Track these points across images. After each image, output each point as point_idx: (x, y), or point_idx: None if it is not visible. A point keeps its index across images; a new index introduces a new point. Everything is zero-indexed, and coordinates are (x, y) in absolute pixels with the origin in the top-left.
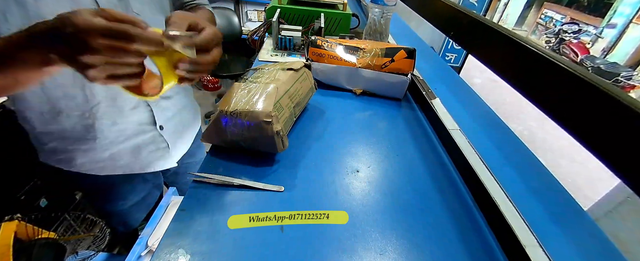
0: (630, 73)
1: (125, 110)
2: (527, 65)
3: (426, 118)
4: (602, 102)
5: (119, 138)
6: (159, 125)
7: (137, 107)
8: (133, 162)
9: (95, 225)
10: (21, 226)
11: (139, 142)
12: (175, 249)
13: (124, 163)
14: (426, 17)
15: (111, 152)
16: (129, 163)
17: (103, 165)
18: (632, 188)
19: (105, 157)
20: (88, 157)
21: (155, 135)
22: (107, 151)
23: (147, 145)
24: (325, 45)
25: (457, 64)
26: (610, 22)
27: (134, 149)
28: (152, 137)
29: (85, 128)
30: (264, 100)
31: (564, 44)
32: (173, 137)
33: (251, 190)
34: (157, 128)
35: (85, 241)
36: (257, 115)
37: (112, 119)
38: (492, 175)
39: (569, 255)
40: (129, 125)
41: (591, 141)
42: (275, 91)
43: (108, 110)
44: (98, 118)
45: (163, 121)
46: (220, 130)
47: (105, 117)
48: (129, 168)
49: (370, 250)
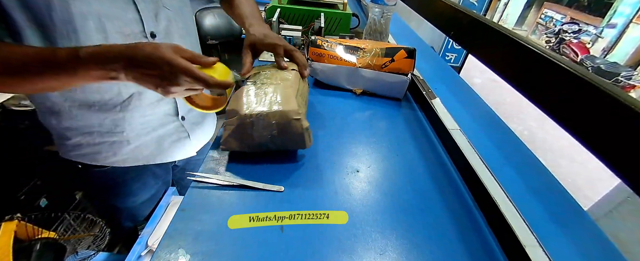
0: (631, 73)
1: (153, 102)
2: (527, 65)
3: (426, 118)
4: (602, 102)
5: (145, 129)
6: (181, 115)
7: (163, 99)
8: (155, 152)
9: (95, 224)
10: (21, 226)
11: (163, 133)
12: (175, 249)
13: (147, 153)
14: (426, 17)
15: (136, 144)
16: (151, 153)
17: (126, 157)
18: (632, 188)
19: (130, 149)
20: (113, 149)
21: (177, 125)
22: (132, 144)
23: (170, 135)
24: (325, 45)
25: (457, 63)
26: (611, 22)
27: (157, 139)
28: (175, 127)
29: (114, 122)
30: (287, 99)
31: (564, 43)
32: (194, 127)
33: (251, 190)
34: (179, 118)
35: (85, 241)
36: (286, 114)
37: (140, 111)
38: (492, 175)
39: (569, 255)
40: (155, 117)
41: (591, 141)
42: (292, 90)
43: (138, 103)
44: (129, 110)
45: (185, 112)
46: (246, 135)
47: (135, 109)
48: (152, 158)
49: (370, 250)
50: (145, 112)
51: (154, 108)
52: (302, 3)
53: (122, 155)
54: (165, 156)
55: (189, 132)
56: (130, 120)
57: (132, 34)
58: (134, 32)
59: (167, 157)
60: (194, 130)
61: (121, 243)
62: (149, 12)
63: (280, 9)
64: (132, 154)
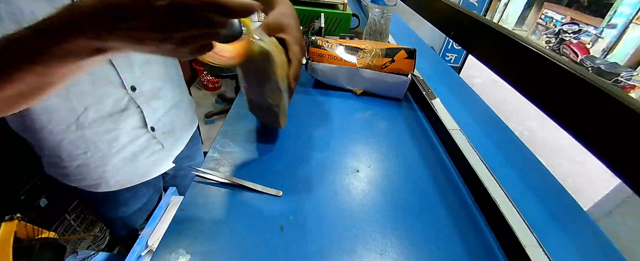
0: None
1: (115, 115)
2: (527, 65)
3: (426, 118)
4: (602, 103)
5: (113, 148)
6: (150, 126)
7: (126, 109)
8: (131, 173)
9: (95, 224)
10: (21, 226)
11: (134, 149)
12: (175, 249)
13: (122, 176)
14: (426, 17)
15: (106, 167)
16: (127, 175)
17: (99, 182)
18: (632, 188)
19: (98, 173)
20: (82, 174)
21: (149, 137)
22: (100, 167)
23: (143, 151)
24: (325, 45)
25: (457, 64)
26: (611, 22)
27: (130, 158)
28: (146, 141)
29: (73, 142)
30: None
31: (564, 44)
32: (166, 136)
33: (251, 191)
34: (148, 130)
35: (85, 241)
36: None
37: (102, 126)
38: (492, 175)
39: (569, 255)
40: (121, 132)
41: (591, 141)
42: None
43: (97, 116)
44: (87, 127)
45: (154, 122)
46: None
47: (95, 125)
48: (129, 180)
49: (370, 250)
50: (108, 127)
51: (117, 122)
52: (302, 3)
53: (92, 179)
54: (143, 174)
55: (162, 143)
56: (92, 138)
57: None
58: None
59: (145, 175)
60: (168, 140)
61: (121, 243)
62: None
63: None
64: (103, 178)
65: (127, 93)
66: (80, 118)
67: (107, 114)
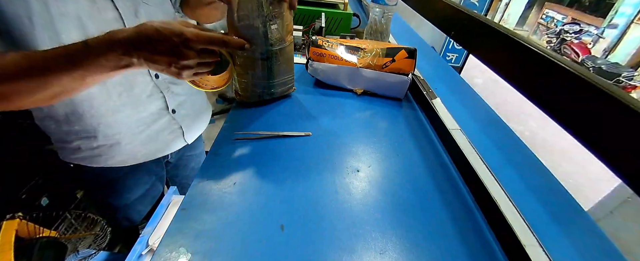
0: (632, 74)
1: (142, 99)
2: (528, 65)
3: (427, 118)
4: (604, 103)
5: (139, 127)
6: (172, 109)
7: (151, 95)
8: (152, 149)
9: (96, 223)
10: (22, 225)
11: (156, 128)
12: (176, 248)
13: (145, 151)
14: (427, 17)
15: (133, 144)
16: (149, 150)
17: (126, 158)
18: (632, 188)
19: (128, 150)
20: (112, 152)
21: (169, 118)
22: (129, 144)
23: (163, 130)
24: (326, 45)
25: (458, 63)
26: (612, 22)
27: (152, 136)
28: (167, 121)
29: (108, 125)
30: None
31: (565, 44)
32: (186, 119)
33: (252, 189)
34: (170, 112)
35: (86, 240)
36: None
37: (132, 109)
38: (492, 175)
39: (569, 255)
40: (146, 113)
41: (592, 142)
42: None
43: (127, 101)
44: (120, 111)
45: (175, 105)
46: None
47: (126, 109)
48: (150, 155)
49: (371, 249)
50: (138, 109)
51: (144, 105)
52: (303, 3)
53: (121, 155)
54: (162, 149)
55: (181, 124)
56: (123, 121)
57: None
58: None
59: (163, 151)
60: (186, 122)
61: (122, 243)
62: (128, 9)
63: None
64: (131, 154)
65: (152, 80)
66: (115, 103)
67: (137, 99)
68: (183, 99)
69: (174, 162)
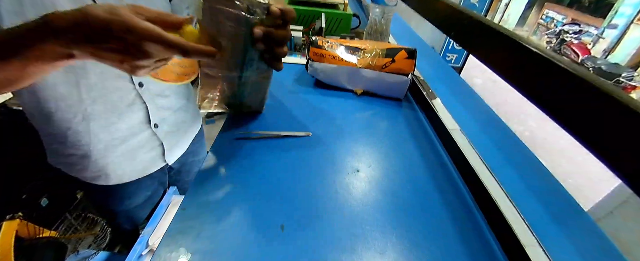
0: (631, 74)
1: (121, 107)
2: (527, 66)
3: (427, 118)
4: (603, 103)
5: (114, 141)
6: (154, 123)
7: (132, 104)
8: (130, 169)
9: (96, 224)
10: (23, 225)
11: (134, 145)
12: (176, 248)
13: (121, 171)
14: (427, 17)
15: (107, 160)
16: (126, 170)
17: (99, 175)
18: (632, 189)
19: (101, 166)
20: (83, 164)
21: (149, 134)
22: (101, 159)
23: (142, 147)
24: (326, 45)
25: (457, 64)
26: (612, 22)
27: (129, 153)
28: (147, 137)
29: (78, 132)
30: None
31: (565, 44)
32: (168, 136)
33: (252, 189)
34: (151, 126)
35: (86, 240)
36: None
37: (107, 119)
38: (492, 175)
39: (569, 255)
40: (123, 125)
41: (592, 142)
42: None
43: (103, 108)
44: (92, 118)
45: (158, 119)
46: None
47: (101, 117)
48: (127, 175)
49: (371, 249)
50: (112, 120)
51: (121, 115)
52: (303, 3)
53: (93, 171)
54: (141, 170)
55: (162, 141)
56: (95, 130)
57: None
58: None
59: (142, 172)
60: (169, 140)
61: (122, 243)
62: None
63: None
64: (104, 172)
65: (134, 88)
66: (87, 108)
67: (114, 107)
68: (168, 114)
69: (176, 168)
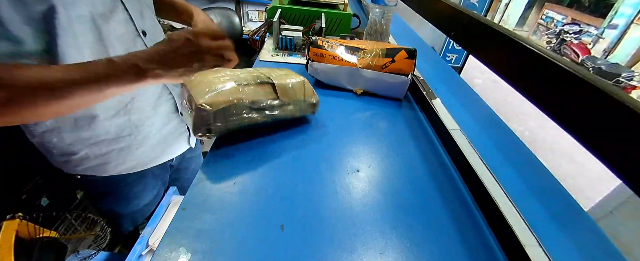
0: (631, 74)
1: (153, 101)
2: (527, 66)
3: (426, 118)
4: (603, 103)
5: (152, 131)
6: (180, 111)
7: (161, 97)
8: (161, 152)
9: (96, 224)
10: (22, 226)
11: (166, 132)
12: (176, 248)
13: (154, 155)
14: (427, 18)
15: (144, 148)
16: (158, 154)
17: (135, 163)
18: (632, 189)
19: (138, 154)
20: (122, 157)
21: (178, 121)
22: (140, 148)
23: (172, 133)
24: (326, 45)
25: (458, 64)
26: (612, 22)
27: (163, 139)
28: (176, 124)
29: (120, 127)
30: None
31: (565, 44)
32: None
33: (252, 189)
34: (179, 114)
35: (86, 241)
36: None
37: (144, 112)
38: (492, 175)
39: (569, 255)
40: (158, 117)
41: (592, 142)
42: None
43: (140, 104)
44: (132, 113)
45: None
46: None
47: (139, 111)
48: (157, 159)
49: (370, 249)
50: (148, 113)
51: (155, 108)
52: (303, 3)
53: (131, 160)
54: (169, 154)
55: (188, 125)
56: (136, 123)
57: (126, 33)
58: (127, 32)
59: (170, 154)
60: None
61: (122, 243)
62: (136, 11)
63: (281, 9)
64: (140, 159)
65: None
66: (127, 105)
67: (148, 101)
68: None
69: (176, 165)
